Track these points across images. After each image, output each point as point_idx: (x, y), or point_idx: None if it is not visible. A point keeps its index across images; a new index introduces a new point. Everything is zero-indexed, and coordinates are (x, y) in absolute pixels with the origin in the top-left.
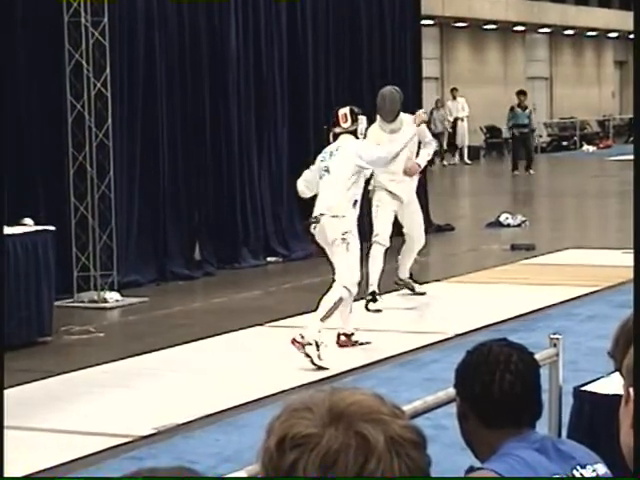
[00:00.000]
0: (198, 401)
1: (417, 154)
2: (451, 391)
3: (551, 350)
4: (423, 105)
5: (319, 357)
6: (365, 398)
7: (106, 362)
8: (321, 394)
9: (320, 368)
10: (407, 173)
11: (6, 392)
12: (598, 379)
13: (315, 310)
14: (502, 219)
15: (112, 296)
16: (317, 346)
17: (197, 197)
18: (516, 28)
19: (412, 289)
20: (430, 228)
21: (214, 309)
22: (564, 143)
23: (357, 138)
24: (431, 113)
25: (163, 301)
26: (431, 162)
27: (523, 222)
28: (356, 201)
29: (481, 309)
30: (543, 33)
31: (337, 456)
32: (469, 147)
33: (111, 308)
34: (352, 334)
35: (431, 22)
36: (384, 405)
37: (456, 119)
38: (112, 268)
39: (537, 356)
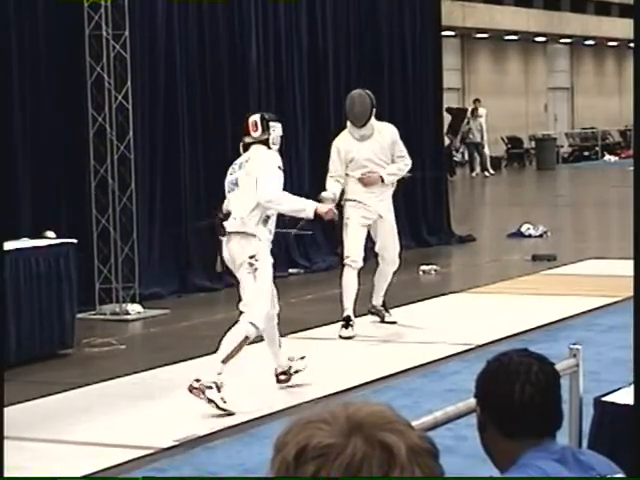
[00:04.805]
0: (220, 413)
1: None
2: (472, 402)
3: (571, 360)
4: (443, 116)
5: (223, 400)
6: (380, 409)
7: (128, 374)
8: (334, 407)
9: (226, 412)
10: (362, 181)
11: (28, 404)
12: (619, 389)
13: (217, 350)
14: (523, 229)
15: (134, 308)
16: (218, 389)
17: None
18: (537, 39)
19: (382, 318)
20: (451, 239)
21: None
22: (585, 153)
23: (269, 148)
24: (467, 123)
25: (184, 313)
26: (452, 173)
27: (545, 233)
28: (268, 217)
29: (502, 320)
30: (564, 43)
31: (361, 465)
32: (490, 157)
33: (133, 320)
34: (289, 368)
35: (452, 33)
36: (397, 416)
37: None
38: (134, 280)
39: (557, 367)
